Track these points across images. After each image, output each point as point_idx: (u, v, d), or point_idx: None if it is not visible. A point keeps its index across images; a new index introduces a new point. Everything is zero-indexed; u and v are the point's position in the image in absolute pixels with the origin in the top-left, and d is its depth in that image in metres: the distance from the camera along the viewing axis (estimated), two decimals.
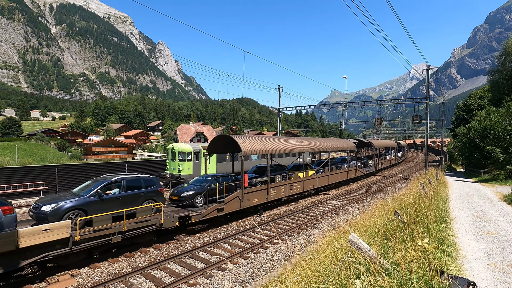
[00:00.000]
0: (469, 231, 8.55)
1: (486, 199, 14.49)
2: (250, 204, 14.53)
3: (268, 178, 15.78)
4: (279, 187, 16.74)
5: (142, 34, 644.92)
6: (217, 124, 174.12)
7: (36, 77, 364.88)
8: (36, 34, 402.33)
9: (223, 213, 13.06)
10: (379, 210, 9.44)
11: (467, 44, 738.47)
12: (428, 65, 29.63)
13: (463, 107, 46.27)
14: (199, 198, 13.14)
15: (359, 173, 28.35)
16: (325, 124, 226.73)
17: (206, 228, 13.15)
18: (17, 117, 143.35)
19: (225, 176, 15.07)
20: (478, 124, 27.83)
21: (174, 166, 24.19)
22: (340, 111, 48.70)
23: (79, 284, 7.94)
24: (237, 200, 13.87)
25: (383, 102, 35.33)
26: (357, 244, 4.07)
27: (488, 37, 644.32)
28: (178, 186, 14.56)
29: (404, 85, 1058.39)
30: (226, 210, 13.20)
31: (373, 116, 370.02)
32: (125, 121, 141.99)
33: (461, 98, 73.06)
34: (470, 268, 5.71)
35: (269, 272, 8.45)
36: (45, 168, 21.00)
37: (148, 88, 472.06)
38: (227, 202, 13.28)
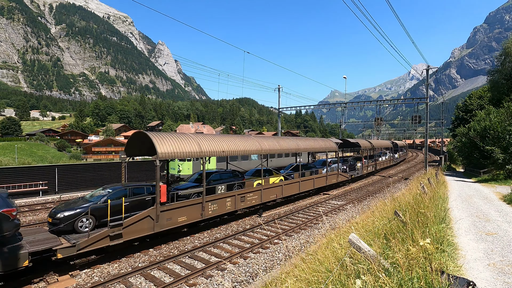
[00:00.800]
0: (469, 231, 8.56)
1: (485, 199, 14.50)
2: (172, 225, 10.86)
3: (204, 188, 12.03)
4: (223, 199, 13.09)
5: (142, 34, 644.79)
6: (217, 124, 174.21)
7: (36, 77, 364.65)
8: (35, 34, 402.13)
9: (120, 241, 9.27)
10: (378, 210, 9.45)
11: (466, 44, 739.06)
12: (428, 65, 29.67)
13: (462, 107, 46.34)
14: (84, 220, 9.37)
15: (342, 178, 24.16)
16: (325, 124, 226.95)
17: (205, 228, 13.15)
18: (16, 117, 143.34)
19: (139, 187, 11.21)
20: (478, 124, 27.85)
21: (174, 166, 24.21)
22: (340, 111, 48.72)
23: (79, 284, 7.93)
24: (148, 221, 10.09)
25: (383, 102, 35.34)
26: (357, 244, 4.07)
27: (487, 37, 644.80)
28: (61, 203, 11.31)
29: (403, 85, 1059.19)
30: (127, 236, 9.47)
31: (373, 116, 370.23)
32: (125, 121, 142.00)
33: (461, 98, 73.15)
34: (470, 268, 5.71)
35: (269, 272, 8.45)
36: (44, 168, 20.99)
37: (147, 88, 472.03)
38: (129, 225, 9.49)
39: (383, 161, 38.64)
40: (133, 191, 10.85)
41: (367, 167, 31.02)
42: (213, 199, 12.65)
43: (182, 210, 11.27)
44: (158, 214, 10.30)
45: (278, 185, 16.96)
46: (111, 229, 9.01)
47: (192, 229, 12.85)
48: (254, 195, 15.08)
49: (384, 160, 39.16)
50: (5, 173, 19.17)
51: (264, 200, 15.63)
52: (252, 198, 14.90)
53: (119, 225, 9.25)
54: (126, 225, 9.44)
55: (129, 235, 9.53)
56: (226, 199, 13.33)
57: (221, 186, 13.68)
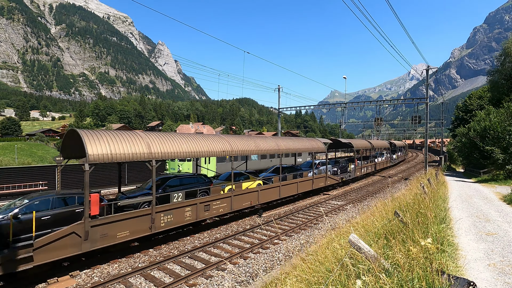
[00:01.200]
0: (469, 231, 8.56)
1: (485, 199, 14.50)
2: (108, 242, 9.00)
3: (154, 197, 10.23)
4: (180, 209, 11.14)
5: (142, 34, 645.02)
6: (217, 124, 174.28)
7: (36, 77, 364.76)
8: (35, 34, 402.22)
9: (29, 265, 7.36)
10: (379, 210, 9.45)
11: (466, 45, 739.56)
12: (428, 65, 29.68)
13: (462, 107, 46.38)
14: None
15: (331, 181, 22.35)
16: (324, 124, 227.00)
17: (205, 228, 13.14)
18: (16, 117, 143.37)
19: (70, 196, 9.49)
20: (478, 124, 27.87)
21: (174, 166, 24.20)
22: (340, 111, 48.74)
23: (79, 284, 7.93)
24: (72, 239, 8.21)
25: (383, 102, 35.35)
26: (357, 244, 4.06)
27: (487, 37, 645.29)
28: None
29: (403, 85, 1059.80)
30: (41, 258, 7.61)
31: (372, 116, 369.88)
32: (125, 121, 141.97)
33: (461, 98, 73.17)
34: (470, 268, 5.71)
35: (269, 272, 8.44)
36: (44, 168, 20.98)
37: (147, 88, 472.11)
38: (44, 245, 7.65)
39: (379, 162, 35.84)
40: (60, 201, 9.06)
41: (361, 169, 28.73)
42: (166, 209, 10.69)
43: (123, 224, 9.34)
44: (88, 229, 8.41)
45: (253, 191, 14.83)
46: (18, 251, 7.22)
47: (192, 230, 12.85)
48: (222, 203, 13.06)
49: (380, 162, 36.37)
50: (5, 173, 19.16)
51: (235, 208, 13.71)
52: (219, 206, 12.89)
53: (29, 245, 7.42)
54: (40, 245, 7.55)
55: (44, 257, 7.63)
56: (184, 209, 11.33)
57: (177, 194, 11.37)
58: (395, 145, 47.59)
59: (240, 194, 14.05)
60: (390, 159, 42.17)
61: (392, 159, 43.37)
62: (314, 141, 22.01)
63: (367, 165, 31.16)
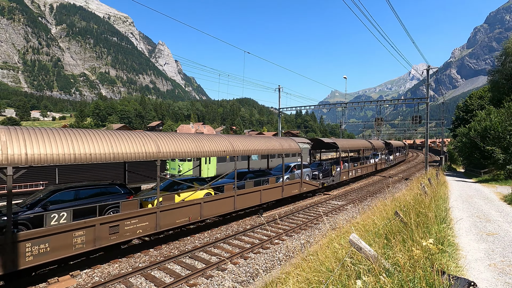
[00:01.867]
0: (470, 231, 8.55)
1: (486, 199, 14.48)
2: None
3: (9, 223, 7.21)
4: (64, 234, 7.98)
5: (142, 34, 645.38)
6: (217, 124, 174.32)
7: (36, 77, 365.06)
8: (36, 34, 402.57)
9: None
10: (379, 210, 9.45)
11: (467, 44, 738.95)
12: (428, 65, 29.66)
13: (463, 107, 46.33)
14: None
15: (308, 187, 19.13)
16: (325, 125, 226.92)
17: (206, 228, 13.14)
18: (17, 117, 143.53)
19: None
20: (478, 124, 27.85)
21: (174, 166, 24.20)
22: (340, 111, 48.71)
23: (79, 284, 7.94)
24: None
25: (383, 102, 35.33)
26: (357, 244, 4.06)
27: (488, 37, 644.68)
28: None
29: (404, 85, 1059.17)
30: None
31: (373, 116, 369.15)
32: (125, 121, 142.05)
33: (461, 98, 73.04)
34: (471, 268, 5.70)
35: (269, 272, 8.44)
36: (45, 168, 20.99)
37: (148, 88, 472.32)
38: None
39: (372, 164, 32.09)
40: None
41: (348, 172, 25.15)
42: (39, 236, 7.57)
43: None
44: None
45: (193, 203, 11.61)
46: None
47: (192, 229, 12.85)
48: (141, 222, 9.81)
49: (373, 164, 32.58)
50: None
51: (163, 228, 10.50)
52: (136, 227, 9.67)
53: None
54: None
55: None
56: (72, 233, 8.17)
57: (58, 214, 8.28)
58: (391, 145, 43.17)
59: (171, 208, 10.75)
60: (387, 161, 38.68)
61: (389, 160, 40.05)
62: (288, 140, 18.66)
63: (356, 168, 27.55)
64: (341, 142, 26.07)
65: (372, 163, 32.69)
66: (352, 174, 26.24)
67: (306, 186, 19.19)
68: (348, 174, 25.37)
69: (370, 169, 31.54)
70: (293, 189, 17.85)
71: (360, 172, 28.49)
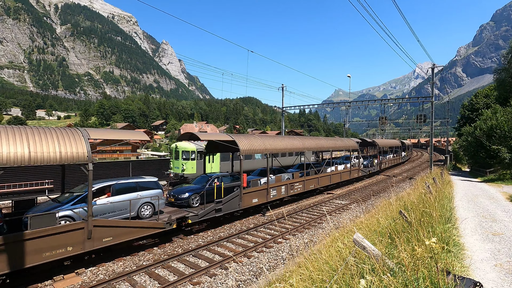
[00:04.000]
0: (475, 231, 8.47)
1: (492, 199, 14.33)
2: None
3: None
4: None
5: (146, 34, 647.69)
6: (221, 123, 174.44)
7: (42, 77, 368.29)
8: (41, 34, 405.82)
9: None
10: (383, 209, 9.39)
11: (473, 42, 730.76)
12: (433, 63, 29.37)
13: (468, 106, 45.85)
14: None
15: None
16: (329, 123, 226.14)
17: (209, 227, 13.17)
18: (23, 116, 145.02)
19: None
20: (484, 123, 27.56)
21: (178, 165, 24.30)
22: (344, 110, 48.49)
23: (84, 282, 8.01)
24: None
25: (387, 101, 35.09)
26: (361, 243, 4.04)
27: (494, 35, 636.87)
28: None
29: (408, 84, 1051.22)
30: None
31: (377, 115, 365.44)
32: (129, 121, 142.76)
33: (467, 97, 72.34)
34: (476, 268, 5.65)
35: (272, 271, 8.45)
36: (51, 166, 21.18)
37: (152, 87, 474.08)
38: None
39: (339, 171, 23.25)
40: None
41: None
42: None
43: None
44: None
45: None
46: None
47: (195, 228, 12.88)
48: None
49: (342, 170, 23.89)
50: (13, 171, 19.40)
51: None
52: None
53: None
54: None
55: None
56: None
57: None
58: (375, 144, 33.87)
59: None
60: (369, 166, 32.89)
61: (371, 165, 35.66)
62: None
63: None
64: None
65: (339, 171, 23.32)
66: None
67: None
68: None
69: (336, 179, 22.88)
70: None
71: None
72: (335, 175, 22.43)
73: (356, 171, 25.90)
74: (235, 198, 13.27)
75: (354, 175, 25.56)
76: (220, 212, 12.58)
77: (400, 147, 44.44)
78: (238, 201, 13.46)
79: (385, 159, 36.31)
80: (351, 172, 24.84)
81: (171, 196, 13.20)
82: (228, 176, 15.12)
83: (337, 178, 22.75)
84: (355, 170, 25.66)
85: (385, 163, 35.39)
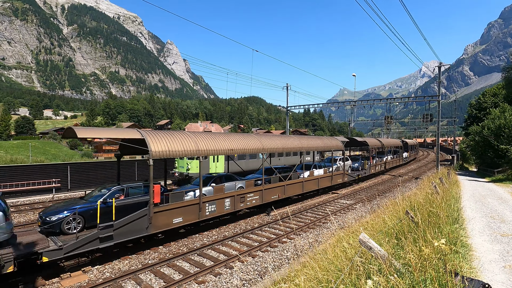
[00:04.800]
0: (483, 232, 8.34)
1: (500, 199, 14.12)
2: None
3: None
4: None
5: (151, 34, 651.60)
6: (225, 122, 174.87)
7: (49, 77, 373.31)
8: (48, 35, 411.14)
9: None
10: (389, 209, 9.31)
11: (480, 41, 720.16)
12: (440, 62, 29.04)
13: (476, 105, 45.17)
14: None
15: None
16: (333, 123, 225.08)
17: (214, 226, 13.22)
18: (30, 116, 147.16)
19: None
20: (492, 123, 27.15)
21: (183, 165, 24.41)
22: (349, 110, 48.18)
23: (91, 280, 8.09)
24: None
25: (393, 100, 34.79)
26: (367, 244, 4.01)
27: (502, 33, 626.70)
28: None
29: (414, 83, 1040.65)
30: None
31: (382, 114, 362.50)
32: (135, 120, 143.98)
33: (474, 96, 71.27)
34: (485, 270, 5.57)
35: (277, 270, 8.43)
36: (57, 166, 21.46)
37: (157, 87, 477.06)
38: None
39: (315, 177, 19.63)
40: None
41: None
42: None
43: None
44: None
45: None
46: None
47: (201, 227, 12.93)
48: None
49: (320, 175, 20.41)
50: (20, 170, 19.69)
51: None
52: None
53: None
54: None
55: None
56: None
57: None
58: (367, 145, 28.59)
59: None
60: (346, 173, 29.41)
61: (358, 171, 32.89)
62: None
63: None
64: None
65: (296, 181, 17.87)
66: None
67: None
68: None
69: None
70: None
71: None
72: (309, 181, 18.29)
73: (340, 175, 21.88)
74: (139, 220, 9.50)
75: (338, 181, 21.62)
76: (109, 240, 8.78)
77: (401, 147, 40.03)
78: (147, 222, 9.70)
79: (381, 161, 31.92)
80: (333, 177, 20.87)
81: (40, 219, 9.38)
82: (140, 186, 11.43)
83: (312, 185, 18.78)
84: (338, 174, 21.64)
85: (380, 165, 31.00)
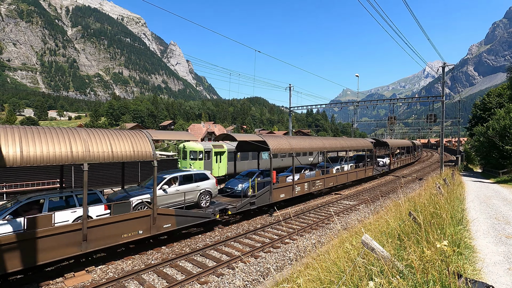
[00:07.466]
0: (488, 233, 8.27)
1: (505, 201, 13.98)
2: None
3: None
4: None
5: (155, 35, 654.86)
6: (228, 123, 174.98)
7: (53, 78, 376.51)
8: (53, 36, 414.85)
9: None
10: (392, 210, 9.26)
11: (485, 40, 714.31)
12: (444, 62, 28.82)
13: (480, 105, 44.80)
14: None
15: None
16: (336, 123, 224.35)
17: (216, 227, 13.23)
18: (35, 117, 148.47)
19: None
20: (497, 123, 26.92)
21: (186, 165, 24.49)
22: (352, 110, 48.00)
23: (94, 279, 8.14)
24: None
25: (397, 100, 34.61)
26: (370, 245, 4.00)
27: (507, 32, 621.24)
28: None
29: (418, 83, 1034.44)
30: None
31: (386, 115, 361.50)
32: (138, 121, 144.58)
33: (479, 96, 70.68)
34: (489, 272, 5.52)
35: (280, 271, 8.43)
36: (54, 166, 21.58)
37: (160, 88, 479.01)
38: None
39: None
40: None
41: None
42: None
43: None
44: None
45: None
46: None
47: (203, 228, 12.95)
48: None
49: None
50: (25, 170, 19.87)
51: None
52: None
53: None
54: None
55: None
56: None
57: None
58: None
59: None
60: None
61: None
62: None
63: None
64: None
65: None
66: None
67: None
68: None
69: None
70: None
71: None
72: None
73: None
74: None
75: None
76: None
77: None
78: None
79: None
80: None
81: None
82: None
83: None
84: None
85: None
